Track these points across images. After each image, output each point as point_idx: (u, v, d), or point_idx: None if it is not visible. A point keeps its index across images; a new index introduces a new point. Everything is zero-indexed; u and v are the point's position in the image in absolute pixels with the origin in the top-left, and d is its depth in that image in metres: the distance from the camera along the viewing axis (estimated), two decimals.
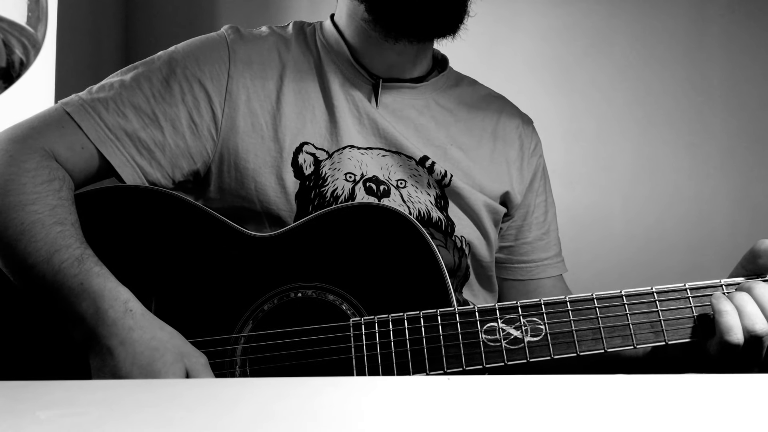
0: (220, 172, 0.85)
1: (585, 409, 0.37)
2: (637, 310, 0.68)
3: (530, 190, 0.98)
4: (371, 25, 0.87)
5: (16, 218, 0.69)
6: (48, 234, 0.68)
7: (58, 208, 0.71)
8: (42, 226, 0.69)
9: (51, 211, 0.70)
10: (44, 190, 0.72)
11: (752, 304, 0.65)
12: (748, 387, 0.43)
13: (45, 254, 0.67)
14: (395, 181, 0.87)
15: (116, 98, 0.81)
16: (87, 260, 0.68)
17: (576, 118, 1.92)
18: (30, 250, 0.68)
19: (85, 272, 0.66)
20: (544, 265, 0.99)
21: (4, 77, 0.31)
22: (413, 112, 0.92)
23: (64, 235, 0.69)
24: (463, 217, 0.90)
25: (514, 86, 1.96)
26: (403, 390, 0.42)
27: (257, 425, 0.35)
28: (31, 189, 0.71)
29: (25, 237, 0.68)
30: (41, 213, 0.70)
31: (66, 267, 0.66)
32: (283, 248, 0.76)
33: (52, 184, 0.73)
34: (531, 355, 0.68)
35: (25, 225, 0.69)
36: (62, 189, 0.74)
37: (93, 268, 0.67)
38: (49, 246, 0.67)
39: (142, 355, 0.64)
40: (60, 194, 0.73)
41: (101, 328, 0.65)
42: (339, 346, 0.70)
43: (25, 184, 0.71)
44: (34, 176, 0.72)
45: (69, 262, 0.67)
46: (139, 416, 0.36)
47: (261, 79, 0.87)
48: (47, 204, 0.71)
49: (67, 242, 0.68)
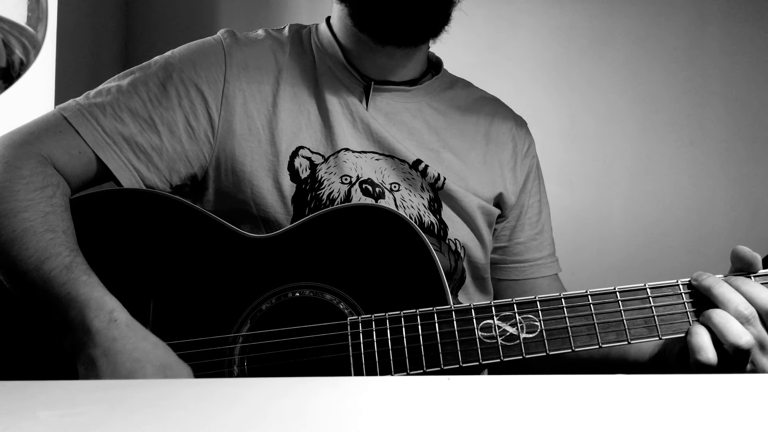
0: (217, 175, 0.85)
1: (585, 409, 0.37)
2: (630, 306, 0.69)
3: (523, 191, 0.99)
4: (357, 28, 0.87)
5: (9, 226, 0.69)
6: (39, 242, 0.68)
7: (50, 215, 0.71)
8: (33, 234, 0.68)
9: (43, 219, 0.70)
10: (37, 197, 0.72)
11: (732, 320, 0.65)
12: (748, 387, 0.43)
13: (35, 262, 0.67)
14: (389, 184, 0.87)
15: (113, 103, 0.81)
16: (75, 268, 0.67)
17: (576, 118, 1.92)
18: (22, 258, 0.68)
19: (72, 281, 0.66)
20: (538, 265, 0.99)
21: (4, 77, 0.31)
22: (406, 115, 0.92)
23: (55, 243, 0.69)
24: (457, 220, 0.90)
25: (514, 86, 1.97)
26: (403, 390, 0.42)
27: (256, 425, 0.35)
28: (24, 196, 0.71)
29: (16, 245, 0.68)
30: (33, 221, 0.70)
31: (54, 276, 0.66)
32: (281, 248, 0.76)
33: (45, 191, 0.73)
34: (527, 351, 0.68)
35: (17, 233, 0.69)
36: (55, 195, 0.74)
37: (80, 277, 0.67)
38: (39, 254, 0.67)
39: (123, 366, 0.63)
40: (53, 201, 0.73)
41: (86, 338, 0.64)
42: (337, 344, 0.70)
43: (18, 191, 0.71)
44: (27, 183, 0.72)
45: (57, 271, 0.67)
46: (139, 416, 0.36)
47: (257, 83, 0.87)
48: (39, 211, 0.71)
49: (57, 250, 0.68)
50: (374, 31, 0.86)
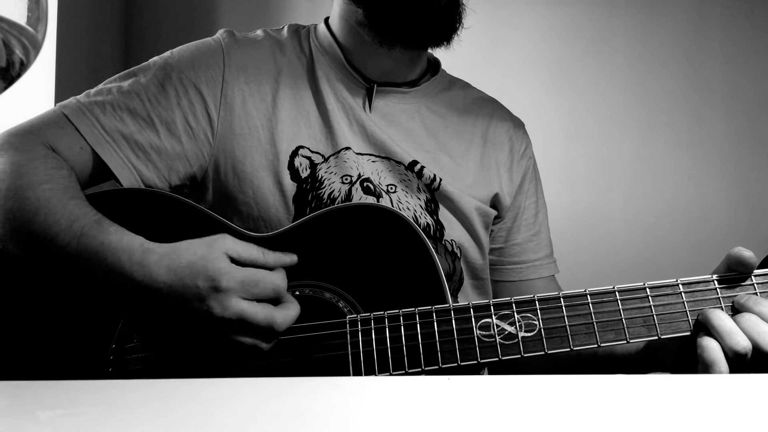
0: (216, 176, 0.85)
1: (584, 409, 0.37)
2: (629, 306, 0.69)
3: (520, 192, 0.99)
4: (366, 30, 0.87)
5: (32, 196, 0.71)
6: (65, 206, 0.70)
7: (70, 188, 0.74)
8: (58, 201, 0.71)
9: (64, 189, 0.73)
10: (56, 173, 0.74)
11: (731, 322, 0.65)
12: (748, 387, 0.43)
13: (65, 223, 0.69)
14: (386, 186, 0.87)
15: (113, 102, 0.82)
16: (104, 221, 0.70)
17: (576, 118, 1.92)
18: (50, 222, 0.69)
19: (104, 233, 0.68)
20: (534, 266, 0.99)
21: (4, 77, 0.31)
22: (403, 117, 0.92)
23: (80, 205, 0.71)
24: (454, 221, 0.90)
25: (515, 86, 1.97)
26: (403, 390, 0.42)
27: (255, 424, 0.35)
28: (43, 171, 0.73)
29: (42, 211, 0.70)
30: (56, 190, 0.72)
31: (87, 230, 0.68)
32: (281, 247, 0.76)
33: (61, 170, 0.75)
34: (525, 350, 0.68)
35: (41, 201, 0.71)
36: (72, 176, 0.76)
37: (110, 227, 0.69)
38: (67, 216, 0.69)
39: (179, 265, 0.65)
40: (71, 178, 0.75)
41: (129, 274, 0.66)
42: (335, 342, 0.70)
43: (37, 167, 0.74)
44: (44, 161, 0.75)
45: (89, 226, 0.69)
46: (139, 416, 0.36)
47: (256, 83, 0.87)
48: (60, 184, 0.73)
49: (83, 211, 0.70)
50: (389, 31, 0.85)
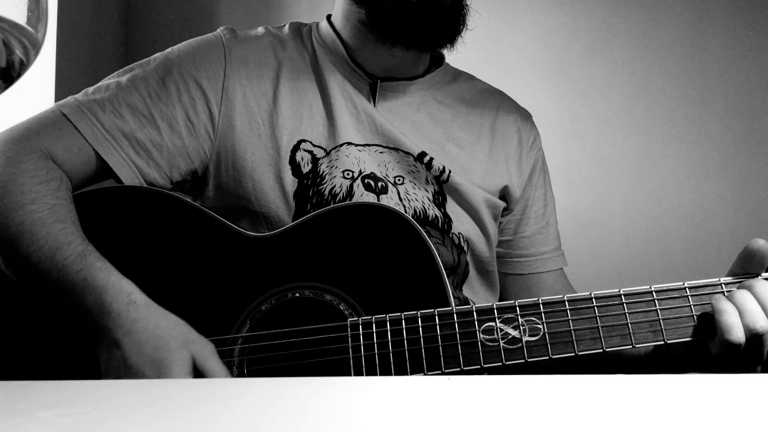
0: (218, 171, 0.85)
1: (585, 409, 0.37)
2: (635, 309, 0.67)
3: (529, 184, 0.98)
4: (368, 28, 0.87)
5: (16, 218, 0.69)
6: (49, 232, 0.69)
7: (57, 207, 0.72)
8: (42, 225, 0.69)
9: (50, 210, 0.71)
10: (42, 190, 0.72)
11: (753, 302, 0.65)
12: (748, 387, 0.43)
13: (48, 252, 0.68)
14: (393, 177, 0.87)
15: (112, 99, 0.81)
16: (89, 255, 0.68)
17: (576, 118, 1.92)
18: (33, 249, 0.68)
19: (88, 267, 0.67)
20: (543, 259, 0.98)
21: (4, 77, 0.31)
22: (410, 109, 0.92)
23: (66, 232, 0.69)
24: (462, 213, 0.90)
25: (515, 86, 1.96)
26: (403, 390, 0.42)
27: (255, 425, 0.35)
28: (29, 189, 0.72)
29: (26, 236, 0.69)
30: (41, 212, 0.70)
31: (69, 263, 0.67)
32: (281, 248, 0.76)
33: (49, 184, 0.73)
34: (529, 354, 0.67)
35: (25, 224, 0.69)
36: (60, 189, 0.74)
37: (96, 263, 0.68)
38: (51, 244, 0.68)
39: (147, 344, 0.64)
40: (58, 194, 0.73)
41: (106, 322, 0.65)
42: (337, 346, 0.70)
43: (23, 184, 0.72)
44: (32, 176, 0.73)
45: (72, 258, 0.67)
46: (139, 416, 0.36)
47: (257, 77, 0.87)
48: (46, 203, 0.71)
49: (68, 239, 0.69)
50: (391, 32, 0.85)
